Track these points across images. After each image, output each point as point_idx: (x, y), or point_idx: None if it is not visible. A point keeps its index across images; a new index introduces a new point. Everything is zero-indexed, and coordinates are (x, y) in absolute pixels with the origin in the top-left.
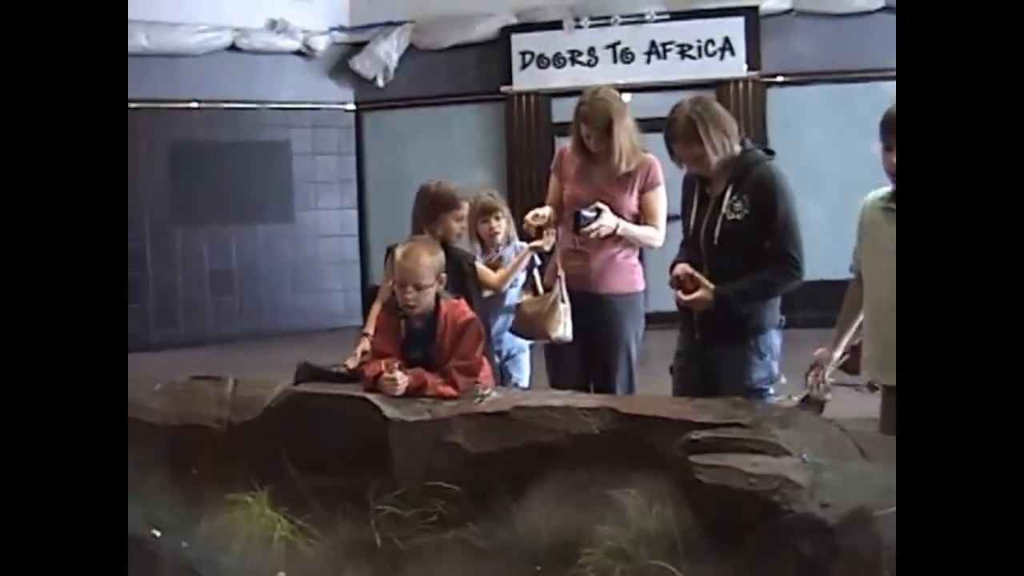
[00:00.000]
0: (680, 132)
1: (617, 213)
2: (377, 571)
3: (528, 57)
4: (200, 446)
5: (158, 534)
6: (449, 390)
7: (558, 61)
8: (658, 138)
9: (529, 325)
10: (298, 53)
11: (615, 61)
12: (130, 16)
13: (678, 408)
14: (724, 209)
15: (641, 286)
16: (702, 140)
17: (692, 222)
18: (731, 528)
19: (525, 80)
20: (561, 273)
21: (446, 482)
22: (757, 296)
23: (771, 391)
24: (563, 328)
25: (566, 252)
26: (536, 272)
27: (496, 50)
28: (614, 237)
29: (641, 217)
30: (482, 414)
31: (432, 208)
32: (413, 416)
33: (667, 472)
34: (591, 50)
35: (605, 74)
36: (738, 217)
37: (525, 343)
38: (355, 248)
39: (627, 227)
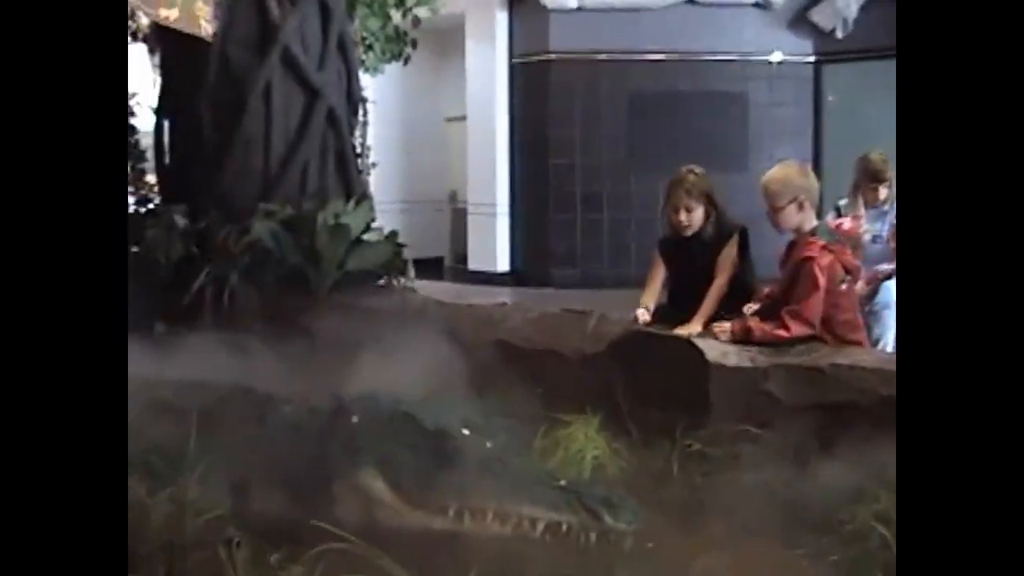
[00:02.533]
0: None
1: None
2: (670, 499)
3: None
4: (554, 370)
5: (467, 432)
6: (781, 333)
7: None
8: None
9: None
10: (756, 5)
11: None
12: None
13: None
14: None
15: None
16: None
17: None
18: None
19: None
20: None
21: (755, 427)
22: None
23: None
24: None
25: None
26: None
27: None
28: None
29: None
30: (800, 367)
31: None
32: (734, 361)
33: None
34: None
35: None
36: None
37: (891, 298)
38: None
39: None
